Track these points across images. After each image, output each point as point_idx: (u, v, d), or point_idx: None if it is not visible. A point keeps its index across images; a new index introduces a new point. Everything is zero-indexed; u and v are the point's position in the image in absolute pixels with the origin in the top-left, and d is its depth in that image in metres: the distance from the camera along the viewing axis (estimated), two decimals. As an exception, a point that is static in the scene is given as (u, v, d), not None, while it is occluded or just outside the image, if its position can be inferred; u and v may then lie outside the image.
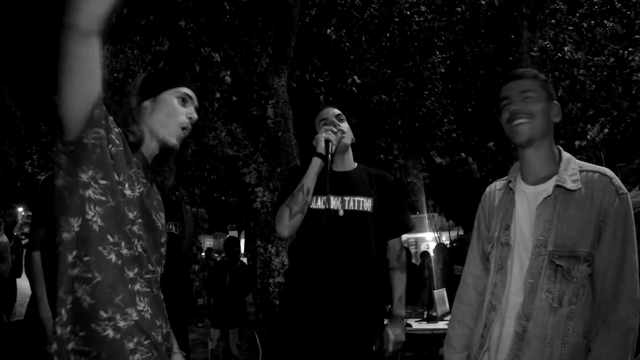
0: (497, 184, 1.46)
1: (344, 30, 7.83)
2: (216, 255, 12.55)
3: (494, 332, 1.29)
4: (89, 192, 1.04)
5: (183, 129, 1.28)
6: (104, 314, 1.01)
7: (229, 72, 4.73)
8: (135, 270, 1.09)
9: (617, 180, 1.21)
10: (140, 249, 1.11)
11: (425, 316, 4.13)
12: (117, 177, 1.09)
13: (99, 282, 1.02)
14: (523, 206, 1.30)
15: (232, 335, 5.17)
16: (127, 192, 1.11)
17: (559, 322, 1.18)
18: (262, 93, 4.67)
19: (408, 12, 7.93)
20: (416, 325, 3.96)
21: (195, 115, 1.31)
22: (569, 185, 1.22)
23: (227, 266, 5.25)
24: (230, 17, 5.79)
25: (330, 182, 1.81)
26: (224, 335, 5.29)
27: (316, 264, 1.75)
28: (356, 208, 1.82)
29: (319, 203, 1.82)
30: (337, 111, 1.96)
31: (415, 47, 8.19)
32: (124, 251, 1.08)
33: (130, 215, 1.11)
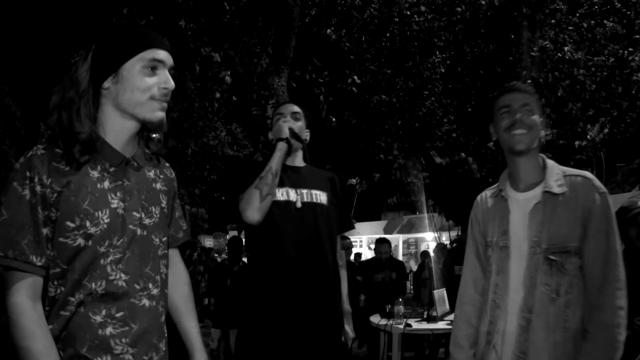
0: (487, 193, 1.60)
1: (344, 30, 7.83)
2: (216, 255, 12.54)
3: (501, 327, 1.41)
4: (49, 272, 1.02)
5: (163, 100, 1.08)
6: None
7: (229, 72, 4.73)
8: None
9: (597, 182, 1.38)
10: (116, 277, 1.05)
11: (425, 316, 4.13)
12: (71, 224, 1.00)
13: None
14: (516, 212, 1.45)
15: (233, 335, 5.16)
16: (91, 230, 1.01)
17: (558, 311, 1.32)
18: (262, 93, 4.67)
19: (408, 12, 7.94)
20: (416, 325, 3.95)
21: (170, 83, 1.08)
22: (556, 189, 1.38)
23: (229, 266, 5.25)
24: (230, 17, 5.79)
25: (288, 176, 1.85)
26: (225, 335, 5.28)
27: (276, 256, 1.78)
28: (313, 200, 1.86)
29: (278, 195, 1.82)
30: (295, 108, 1.96)
31: (415, 47, 8.19)
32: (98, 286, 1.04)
33: (102, 249, 1.03)
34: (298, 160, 1.97)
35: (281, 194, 1.82)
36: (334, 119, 7.11)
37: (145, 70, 1.05)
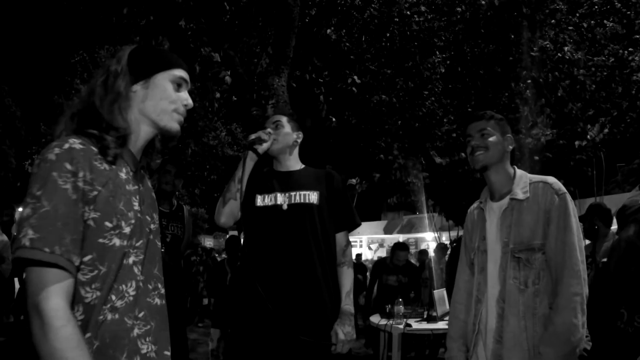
0: (475, 205, 1.81)
1: (344, 30, 7.83)
2: (216, 255, 12.55)
3: (482, 318, 1.63)
4: (79, 277, 0.95)
5: (182, 115, 1.16)
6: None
7: (229, 72, 4.73)
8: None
9: (556, 185, 1.56)
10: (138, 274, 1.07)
11: (425, 316, 4.13)
12: (109, 224, 0.99)
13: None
14: (491, 219, 1.66)
15: (232, 335, 5.16)
16: (126, 230, 1.02)
17: (527, 300, 1.51)
18: (262, 93, 4.67)
19: (408, 12, 7.94)
20: (416, 325, 3.95)
21: (190, 102, 1.17)
22: (520, 196, 1.58)
23: (228, 266, 5.24)
24: (230, 17, 5.79)
25: (276, 181, 1.95)
26: (224, 335, 5.28)
27: (261, 257, 1.86)
28: (301, 201, 1.91)
29: (266, 200, 1.92)
30: (276, 117, 2.06)
31: (415, 47, 8.19)
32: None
33: (127, 250, 1.04)
34: (292, 164, 2.04)
35: (269, 199, 1.92)
36: (334, 119, 7.11)
37: (173, 84, 1.14)
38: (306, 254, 1.85)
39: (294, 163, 2.04)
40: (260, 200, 1.92)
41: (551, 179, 1.59)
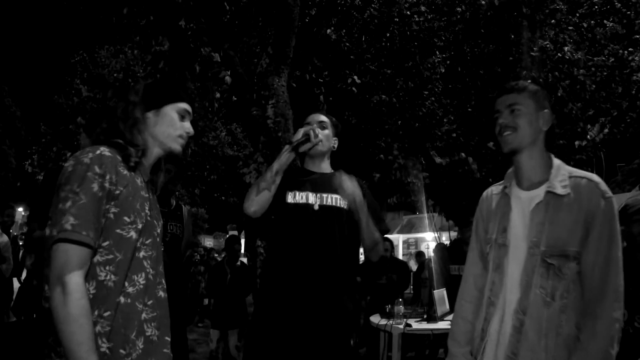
0: (494, 189, 1.57)
1: (344, 30, 7.83)
2: (216, 255, 12.55)
3: (493, 326, 1.40)
4: (96, 258, 1.16)
5: (184, 141, 1.40)
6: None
7: (229, 72, 4.73)
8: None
9: (603, 185, 1.33)
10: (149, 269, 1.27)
11: (425, 316, 4.12)
12: (127, 219, 1.21)
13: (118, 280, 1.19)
14: (518, 210, 1.42)
15: (232, 336, 5.15)
16: (139, 225, 1.24)
17: (552, 315, 1.29)
18: (262, 93, 4.67)
19: (408, 12, 7.93)
20: (416, 325, 3.95)
21: (192, 131, 1.42)
22: (559, 190, 1.34)
23: (228, 266, 5.23)
24: (230, 17, 5.79)
25: (310, 181, 1.95)
26: (224, 336, 5.27)
27: (290, 254, 1.86)
28: (332, 204, 1.92)
29: (297, 198, 1.92)
30: (322, 117, 2.04)
31: (415, 47, 8.19)
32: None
33: (139, 244, 1.24)
34: (325, 167, 2.05)
35: (300, 197, 1.93)
36: (333, 119, 7.09)
37: (179, 115, 1.38)
38: (332, 255, 1.86)
39: (327, 166, 2.06)
40: (291, 198, 1.92)
41: (596, 177, 1.36)
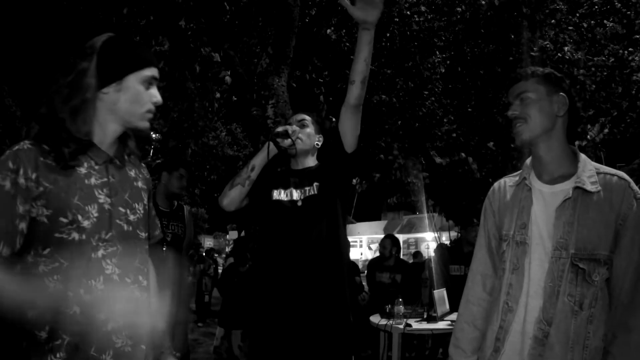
0: (507, 180, 1.42)
1: (344, 30, 7.83)
2: (216, 255, 12.57)
3: (513, 335, 1.25)
4: (41, 268, 1.02)
5: (152, 112, 1.18)
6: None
7: (229, 72, 4.73)
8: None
9: (634, 185, 1.21)
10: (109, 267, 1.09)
11: (425, 316, 4.12)
12: (64, 220, 1.03)
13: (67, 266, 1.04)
14: (540, 205, 1.27)
15: (234, 336, 5.18)
16: (84, 224, 1.05)
17: (580, 326, 1.16)
18: (262, 93, 4.67)
19: (408, 12, 7.93)
20: (416, 325, 3.95)
21: (159, 99, 1.18)
22: (589, 187, 1.20)
23: (237, 267, 5.29)
24: (230, 17, 5.79)
25: (293, 178, 1.96)
26: (227, 334, 5.31)
27: (276, 254, 1.87)
28: (314, 193, 1.93)
29: (282, 195, 1.93)
30: (302, 116, 2.05)
31: (415, 47, 8.18)
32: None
33: (93, 243, 1.06)
34: (309, 162, 2.04)
35: (285, 195, 1.93)
36: (334, 119, 7.10)
37: (145, 84, 1.14)
38: (318, 251, 1.85)
39: (311, 162, 2.05)
40: (276, 195, 1.94)
41: (627, 176, 1.23)
